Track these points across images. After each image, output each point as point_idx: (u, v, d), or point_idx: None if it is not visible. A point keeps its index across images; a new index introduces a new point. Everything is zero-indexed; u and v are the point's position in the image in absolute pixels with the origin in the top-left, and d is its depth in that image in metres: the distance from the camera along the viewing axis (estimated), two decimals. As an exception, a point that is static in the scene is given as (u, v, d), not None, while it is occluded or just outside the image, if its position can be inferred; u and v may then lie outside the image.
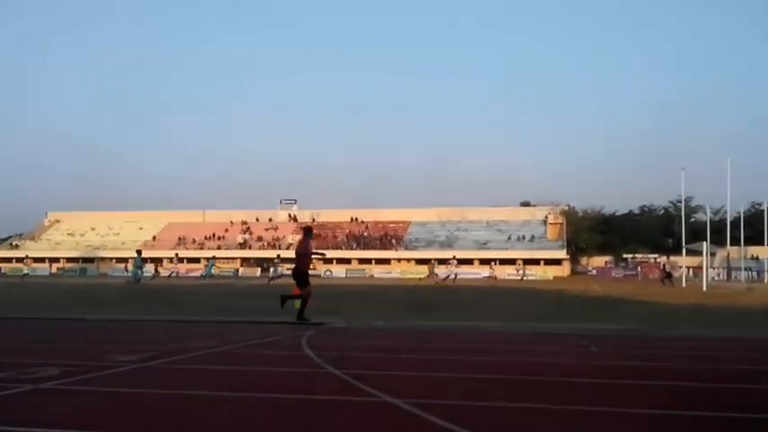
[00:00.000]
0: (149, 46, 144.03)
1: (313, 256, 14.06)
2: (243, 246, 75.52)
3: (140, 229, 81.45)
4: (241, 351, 8.80)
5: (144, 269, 34.52)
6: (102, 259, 74.78)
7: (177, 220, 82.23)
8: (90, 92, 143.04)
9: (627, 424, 4.86)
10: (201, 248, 74.70)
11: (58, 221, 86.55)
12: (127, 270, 44.70)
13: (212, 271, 40.76)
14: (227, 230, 79.31)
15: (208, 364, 7.66)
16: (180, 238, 76.85)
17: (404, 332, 11.62)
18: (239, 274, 67.19)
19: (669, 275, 40.51)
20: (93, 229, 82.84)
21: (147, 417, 5.01)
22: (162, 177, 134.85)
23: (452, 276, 42.87)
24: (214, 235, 78.11)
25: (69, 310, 15.76)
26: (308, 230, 13.89)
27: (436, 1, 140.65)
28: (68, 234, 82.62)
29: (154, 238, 78.62)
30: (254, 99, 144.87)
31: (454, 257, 46.36)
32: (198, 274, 54.00)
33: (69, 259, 76.05)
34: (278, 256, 44.82)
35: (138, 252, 34.07)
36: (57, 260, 75.16)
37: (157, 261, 57.56)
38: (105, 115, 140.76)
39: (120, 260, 73.24)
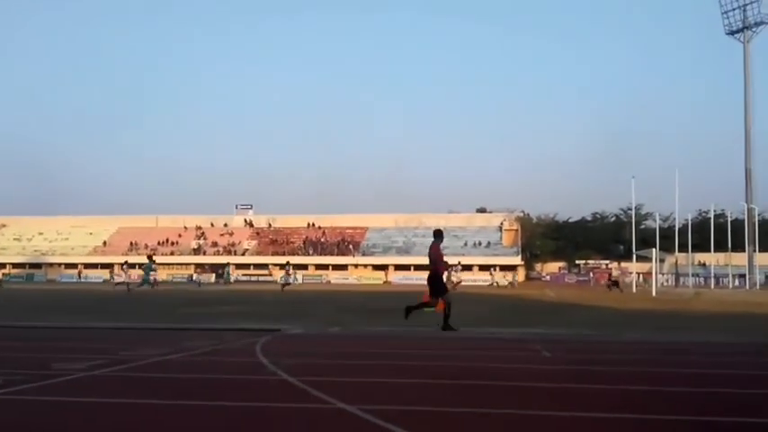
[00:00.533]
0: (100, 50, 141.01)
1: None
2: (197, 251, 74.34)
3: (90, 234, 79.43)
4: (193, 359, 8.64)
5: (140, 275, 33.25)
6: (51, 265, 72.67)
7: (128, 225, 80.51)
8: (38, 95, 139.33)
9: (572, 428, 4.94)
10: (154, 254, 73.29)
11: (4, 226, 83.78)
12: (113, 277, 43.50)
13: (230, 275, 38.01)
14: (180, 236, 77.95)
15: (158, 371, 7.49)
16: (132, 244, 75.22)
17: (359, 338, 11.59)
18: (194, 279, 66.19)
19: (616, 283, 41.06)
20: (40, 234, 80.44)
21: (88, 427, 4.87)
22: (113, 182, 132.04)
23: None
24: (168, 240, 76.69)
25: (27, 318, 15.25)
26: (438, 233, 12.96)
27: (394, 6, 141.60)
28: (15, 239, 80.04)
29: (104, 243, 76.78)
30: (208, 103, 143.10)
31: (459, 263, 46.42)
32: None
33: (15, 265, 73.65)
34: (288, 262, 41.75)
35: (150, 257, 33.73)
36: (3, 266, 72.68)
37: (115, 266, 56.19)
38: (54, 119, 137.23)
39: (68, 266, 71.43)
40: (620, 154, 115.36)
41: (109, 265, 70.21)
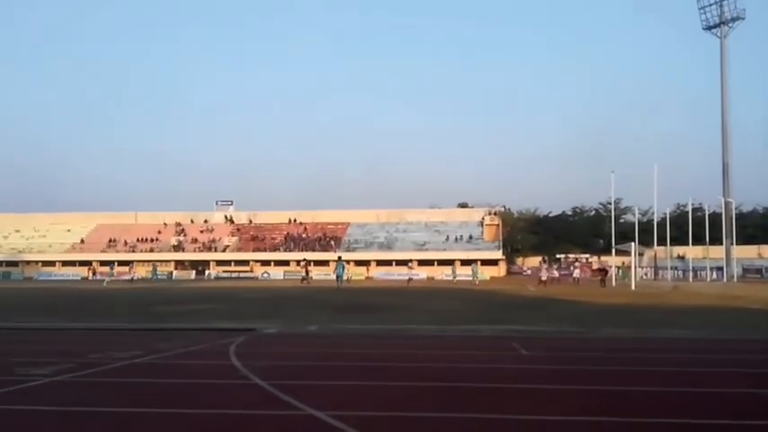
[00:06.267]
0: (81, 43, 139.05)
1: None
2: (177, 248, 73.59)
3: (68, 231, 78.28)
4: (164, 361, 8.44)
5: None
6: (28, 263, 71.56)
7: (107, 221, 79.42)
8: (14, 88, 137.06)
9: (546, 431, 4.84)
10: (133, 251, 72.52)
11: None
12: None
13: (343, 273, 36.76)
14: (160, 232, 77.09)
15: (126, 376, 7.29)
16: (110, 241, 74.33)
17: (337, 337, 11.44)
18: (173, 276, 65.62)
19: (604, 271, 42.72)
20: (17, 231, 79.14)
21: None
22: (91, 177, 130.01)
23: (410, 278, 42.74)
24: (147, 237, 75.92)
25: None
26: None
27: (376, 5, 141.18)
28: (-9, 237, 78.69)
29: (82, 240, 75.76)
30: (189, 97, 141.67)
31: (340, 258, 45.66)
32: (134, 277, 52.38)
33: (-9, 263, 72.35)
34: (339, 257, 42.28)
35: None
36: (-23, 264, 71.36)
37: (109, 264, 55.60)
38: (31, 112, 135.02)
39: (46, 264, 70.42)
40: (600, 149, 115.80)
41: (88, 263, 69.46)
